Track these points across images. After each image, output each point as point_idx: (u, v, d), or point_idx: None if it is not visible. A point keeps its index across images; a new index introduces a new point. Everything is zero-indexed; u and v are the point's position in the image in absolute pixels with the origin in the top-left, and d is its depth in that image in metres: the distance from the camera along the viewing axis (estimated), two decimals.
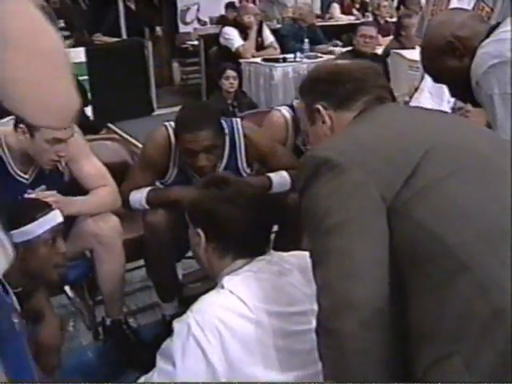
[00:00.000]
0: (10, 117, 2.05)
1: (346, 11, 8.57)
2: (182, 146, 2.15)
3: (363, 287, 1.02)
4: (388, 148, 1.11)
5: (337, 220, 1.07)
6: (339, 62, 1.56)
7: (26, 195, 2.02)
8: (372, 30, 4.51)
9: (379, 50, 4.84)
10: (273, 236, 2.49)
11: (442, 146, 1.12)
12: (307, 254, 1.46)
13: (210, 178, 1.69)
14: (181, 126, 2.14)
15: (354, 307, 1.01)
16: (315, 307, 1.13)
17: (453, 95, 1.87)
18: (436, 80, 1.87)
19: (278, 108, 2.63)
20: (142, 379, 1.44)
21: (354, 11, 8.65)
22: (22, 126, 1.97)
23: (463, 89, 1.71)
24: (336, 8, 8.41)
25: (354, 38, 4.56)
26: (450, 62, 1.73)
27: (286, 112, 2.55)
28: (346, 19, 8.13)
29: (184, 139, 2.11)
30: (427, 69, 1.85)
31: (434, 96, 2.48)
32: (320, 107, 1.31)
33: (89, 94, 5.05)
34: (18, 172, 2.07)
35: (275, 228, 2.49)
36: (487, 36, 1.68)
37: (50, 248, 1.80)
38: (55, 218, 1.83)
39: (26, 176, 2.09)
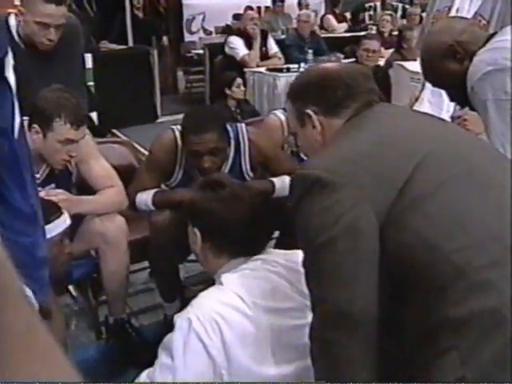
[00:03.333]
0: (24, 118, 2.10)
1: (339, 19, 8.66)
2: (187, 148, 2.21)
3: (352, 300, 1.09)
4: (379, 164, 1.15)
5: (329, 237, 1.11)
6: (329, 65, 1.54)
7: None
8: (375, 44, 4.53)
9: (381, 62, 4.91)
10: (273, 242, 2.55)
11: (433, 156, 1.16)
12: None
13: (206, 180, 1.73)
14: (187, 128, 2.20)
15: (344, 319, 1.08)
16: (309, 303, 1.19)
17: (452, 99, 1.91)
18: (435, 84, 1.92)
19: (274, 112, 2.70)
20: (144, 373, 1.48)
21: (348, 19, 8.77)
22: (35, 126, 2.03)
23: (462, 92, 1.75)
24: (330, 19, 8.53)
25: (356, 51, 4.61)
26: (451, 65, 1.78)
27: (281, 114, 2.61)
28: (341, 27, 8.24)
29: (190, 141, 2.17)
30: (427, 73, 1.89)
31: (433, 105, 2.53)
32: (311, 112, 1.32)
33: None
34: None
35: (276, 234, 2.54)
36: (485, 44, 1.74)
37: (58, 248, 1.85)
38: (66, 220, 1.89)
39: (37, 175, 2.13)
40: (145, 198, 2.28)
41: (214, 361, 1.33)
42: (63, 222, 1.87)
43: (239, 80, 4.56)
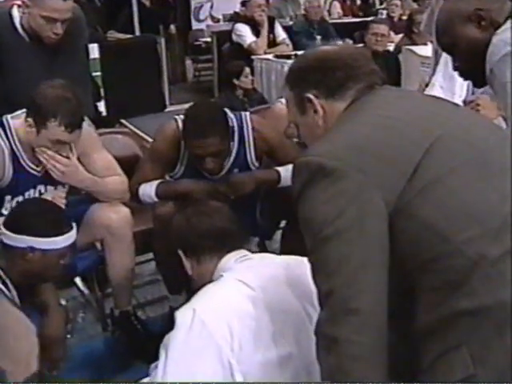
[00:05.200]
0: (22, 110, 2.07)
1: (347, 10, 8.51)
2: (189, 150, 2.19)
3: (361, 294, 1.04)
4: (386, 149, 1.10)
5: (335, 228, 1.06)
6: (327, 48, 1.48)
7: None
8: (383, 28, 4.44)
9: (391, 47, 4.82)
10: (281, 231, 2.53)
11: (443, 142, 1.10)
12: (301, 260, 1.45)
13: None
14: (188, 131, 2.16)
15: (352, 314, 1.03)
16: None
17: (456, 68, 1.77)
18: (448, 49, 1.76)
19: (280, 100, 2.66)
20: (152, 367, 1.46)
21: (356, 10, 8.62)
22: (29, 119, 1.99)
23: (475, 64, 1.64)
24: (337, 7, 8.39)
25: (365, 36, 4.52)
26: (472, 31, 1.65)
27: None
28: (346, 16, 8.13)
29: (191, 144, 2.15)
30: (442, 35, 1.74)
31: (445, 90, 2.45)
32: (311, 96, 1.24)
33: (101, 90, 5.09)
34: (30, 165, 2.09)
35: (283, 223, 2.52)
36: (505, 21, 1.64)
37: (58, 259, 1.82)
38: (74, 235, 1.85)
39: (38, 169, 2.11)
40: (148, 189, 2.26)
41: (220, 349, 1.30)
42: (72, 236, 1.83)
43: (247, 69, 4.48)
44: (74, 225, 1.86)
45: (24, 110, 2.05)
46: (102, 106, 4.99)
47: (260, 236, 2.64)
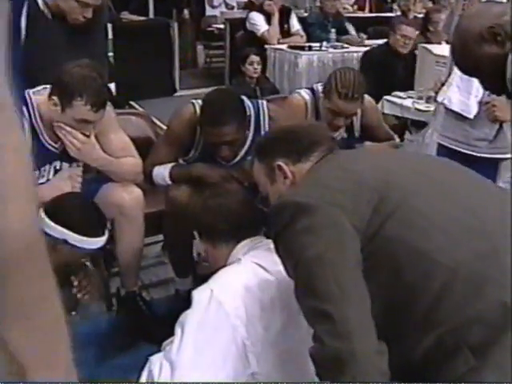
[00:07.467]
0: (44, 85, 2.08)
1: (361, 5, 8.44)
2: (204, 137, 2.19)
3: (351, 308, 1.10)
4: (351, 186, 1.22)
5: (315, 251, 1.14)
6: (288, 124, 1.72)
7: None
8: (412, 31, 4.31)
9: None
10: None
11: (397, 176, 1.26)
12: None
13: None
14: (205, 119, 2.16)
15: (349, 327, 1.08)
16: None
17: (487, 88, 1.78)
18: (469, 72, 1.77)
19: (298, 91, 2.64)
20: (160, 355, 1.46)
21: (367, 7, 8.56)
22: (54, 98, 1.99)
23: (501, 79, 1.61)
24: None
25: (391, 35, 4.33)
26: (491, 49, 1.63)
27: (305, 94, 2.56)
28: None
29: (207, 132, 2.15)
30: (462, 61, 1.74)
31: (461, 90, 2.45)
32: (282, 164, 1.40)
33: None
34: (49, 141, 2.09)
35: None
36: None
37: (81, 258, 1.86)
38: (104, 240, 1.91)
39: (56, 145, 2.11)
40: (162, 171, 2.27)
41: (235, 329, 1.33)
42: (103, 241, 1.89)
43: (253, 57, 4.43)
44: (106, 231, 1.91)
45: (45, 86, 2.05)
46: (112, 87, 4.98)
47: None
